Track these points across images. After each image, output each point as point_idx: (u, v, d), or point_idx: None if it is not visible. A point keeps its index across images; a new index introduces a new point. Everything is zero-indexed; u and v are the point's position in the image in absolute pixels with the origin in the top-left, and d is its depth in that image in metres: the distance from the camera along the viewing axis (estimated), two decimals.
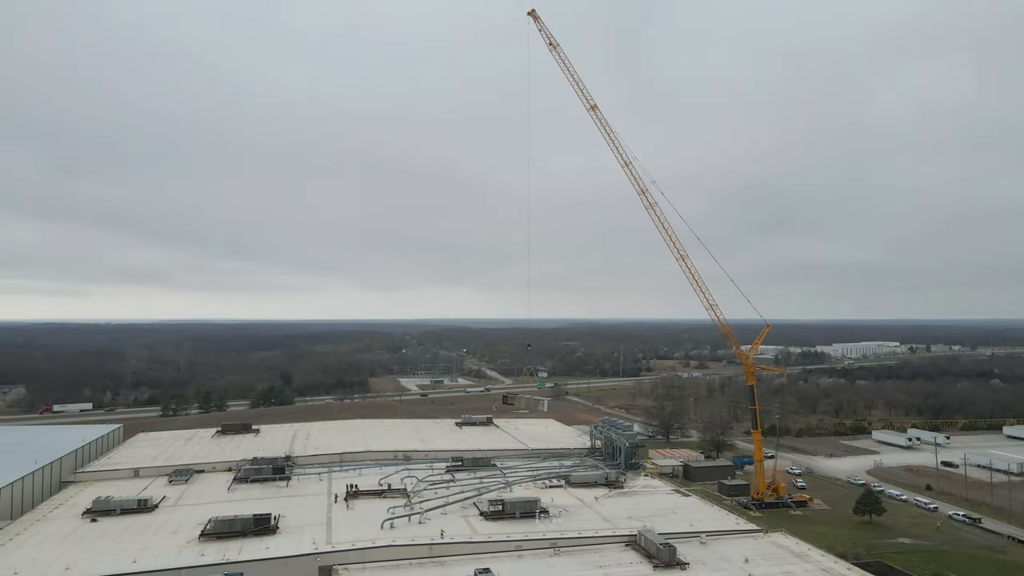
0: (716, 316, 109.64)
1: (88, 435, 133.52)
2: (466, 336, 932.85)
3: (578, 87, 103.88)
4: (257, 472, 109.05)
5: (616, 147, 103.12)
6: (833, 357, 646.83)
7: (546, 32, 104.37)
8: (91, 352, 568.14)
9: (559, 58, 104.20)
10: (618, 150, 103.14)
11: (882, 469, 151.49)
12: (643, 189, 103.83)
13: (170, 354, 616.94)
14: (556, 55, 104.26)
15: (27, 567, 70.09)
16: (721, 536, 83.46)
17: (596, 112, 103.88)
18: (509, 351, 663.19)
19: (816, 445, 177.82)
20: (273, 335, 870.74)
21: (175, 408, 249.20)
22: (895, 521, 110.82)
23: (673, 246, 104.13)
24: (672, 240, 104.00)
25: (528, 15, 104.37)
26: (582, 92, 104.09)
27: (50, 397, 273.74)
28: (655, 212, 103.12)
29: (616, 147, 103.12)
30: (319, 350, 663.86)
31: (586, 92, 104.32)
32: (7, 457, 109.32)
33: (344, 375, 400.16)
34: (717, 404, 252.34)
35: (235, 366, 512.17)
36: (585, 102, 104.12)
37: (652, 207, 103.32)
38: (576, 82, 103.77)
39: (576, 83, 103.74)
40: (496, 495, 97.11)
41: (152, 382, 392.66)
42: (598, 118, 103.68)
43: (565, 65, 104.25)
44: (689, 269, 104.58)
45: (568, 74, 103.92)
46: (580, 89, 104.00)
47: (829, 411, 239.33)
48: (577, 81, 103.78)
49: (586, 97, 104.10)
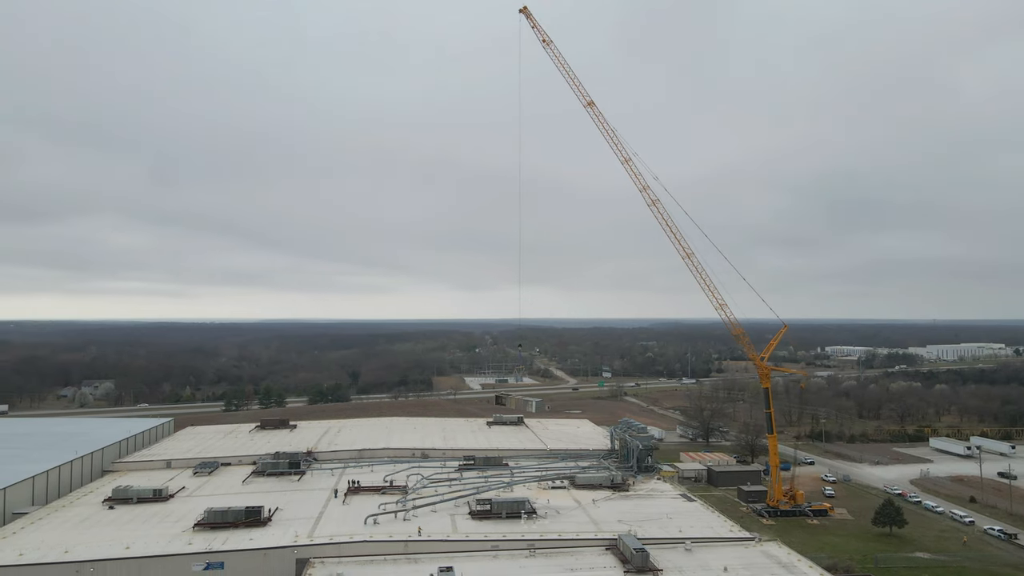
0: (726, 316, 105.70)
1: (135, 428, 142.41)
2: (543, 336, 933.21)
3: (573, 83, 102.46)
4: (274, 467, 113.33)
5: (615, 144, 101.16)
6: (926, 359, 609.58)
7: (539, 29, 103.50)
8: (187, 350, 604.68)
9: (553, 55, 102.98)
10: (617, 147, 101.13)
11: (928, 479, 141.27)
12: (644, 186, 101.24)
13: (257, 352, 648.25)
14: (550, 52, 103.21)
15: (32, 549, 75.65)
16: (709, 544, 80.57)
17: (593, 108, 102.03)
18: (580, 351, 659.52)
19: (865, 452, 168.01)
20: (357, 334, 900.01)
21: (237, 403, 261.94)
22: (919, 534, 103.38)
23: (678, 244, 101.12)
24: (677, 238, 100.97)
25: (520, 12, 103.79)
26: (578, 88, 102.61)
27: (132, 392, 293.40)
28: (658, 209, 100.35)
29: (615, 144, 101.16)
30: (396, 349, 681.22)
31: (582, 88, 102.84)
32: (52, 448, 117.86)
33: (409, 373, 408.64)
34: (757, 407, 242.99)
35: (311, 364, 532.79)
36: (581, 99, 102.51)
37: (654, 204, 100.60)
38: (572, 79, 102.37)
39: (572, 79, 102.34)
40: (494, 494, 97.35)
41: (232, 378, 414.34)
42: (595, 115, 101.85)
43: (560, 62, 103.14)
44: (696, 268, 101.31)
45: (563, 71, 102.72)
46: (576, 86, 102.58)
47: (893, 416, 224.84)
48: (572, 78, 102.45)
49: (582, 93, 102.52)
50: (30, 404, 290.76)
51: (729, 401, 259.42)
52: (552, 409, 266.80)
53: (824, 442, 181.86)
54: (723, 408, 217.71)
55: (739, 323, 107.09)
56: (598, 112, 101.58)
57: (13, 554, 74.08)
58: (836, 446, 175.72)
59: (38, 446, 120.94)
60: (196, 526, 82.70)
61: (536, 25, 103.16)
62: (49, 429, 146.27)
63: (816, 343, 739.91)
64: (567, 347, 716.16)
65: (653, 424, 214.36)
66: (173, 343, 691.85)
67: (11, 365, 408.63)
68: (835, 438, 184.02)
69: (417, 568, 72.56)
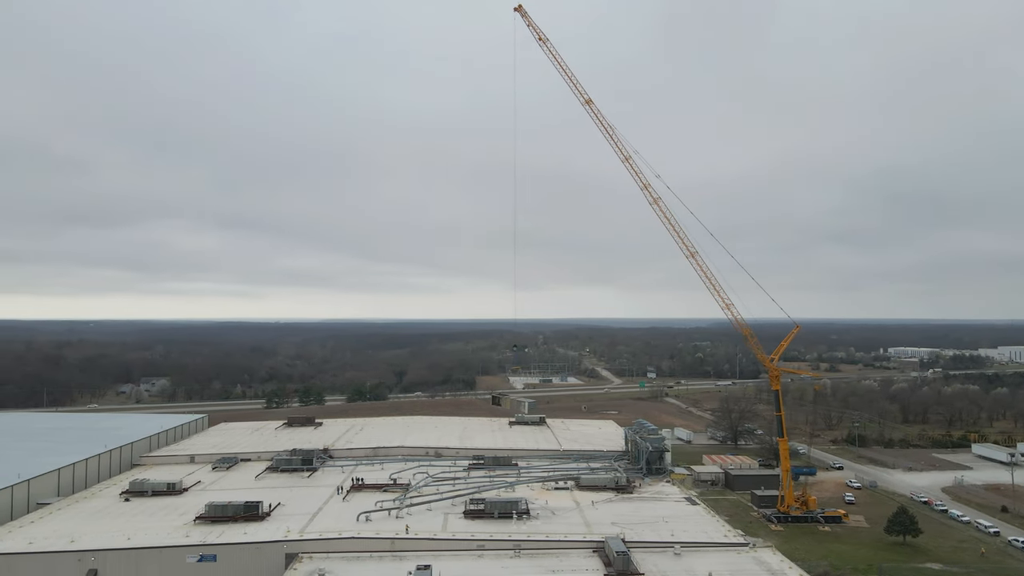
0: (733, 316, 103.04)
1: (168, 423, 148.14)
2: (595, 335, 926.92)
3: (571, 82, 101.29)
4: (288, 463, 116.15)
5: (615, 142, 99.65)
6: (996, 361, 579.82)
7: (535, 27, 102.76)
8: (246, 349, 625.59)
9: (549, 53, 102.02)
10: (617, 145, 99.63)
11: (961, 486, 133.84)
12: (645, 184, 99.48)
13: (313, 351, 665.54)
14: (546, 50, 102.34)
15: (41, 538, 79.68)
16: (700, 548, 78.80)
17: (591, 106, 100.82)
18: (630, 351, 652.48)
19: (901, 457, 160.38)
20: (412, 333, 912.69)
21: (278, 401, 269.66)
22: (936, 544, 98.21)
23: (682, 243, 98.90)
24: (680, 237, 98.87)
25: (515, 11, 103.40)
26: (576, 87, 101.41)
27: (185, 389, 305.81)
28: (660, 207, 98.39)
29: (615, 142, 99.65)
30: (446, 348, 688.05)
31: (580, 87, 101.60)
32: (84, 442, 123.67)
33: (453, 372, 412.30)
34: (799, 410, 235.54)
35: (362, 363, 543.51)
36: (579, 97, 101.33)
37: (656, 202, 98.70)
38: (569, 77, 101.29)
39: (569, 78, 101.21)
40: (493, 494, 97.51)
41: (283, 377, 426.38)
42: (594, 112, 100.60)
43: (557, 60, 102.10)
44: (700, 267, 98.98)
45: (560, 69, 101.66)
46: (574, 84, 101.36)
47: (940, 420, 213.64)
48: (570, 76, 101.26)
49: (580, 92, 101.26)
50: (90, 400, 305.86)
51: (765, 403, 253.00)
52: (589, 410, 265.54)
53: (859, 447, 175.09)
54: (755, 409, 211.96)
55: (746, 323, 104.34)
56: (596, 110, 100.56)
57: (23, 542, 78.20)
58: (873, 451, 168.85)
59: (72, 440, 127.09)
60: (197, 519, 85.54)
61: (532, 24, 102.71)
62: (89, 424, 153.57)
63: (880, 344, 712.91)
64: (618, 347, 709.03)
65: (687, 426, 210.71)
66: (235, 342, 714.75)
67: (79, 363, 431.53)
68: (874, 443, 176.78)
69: (400, 566, 73.36)
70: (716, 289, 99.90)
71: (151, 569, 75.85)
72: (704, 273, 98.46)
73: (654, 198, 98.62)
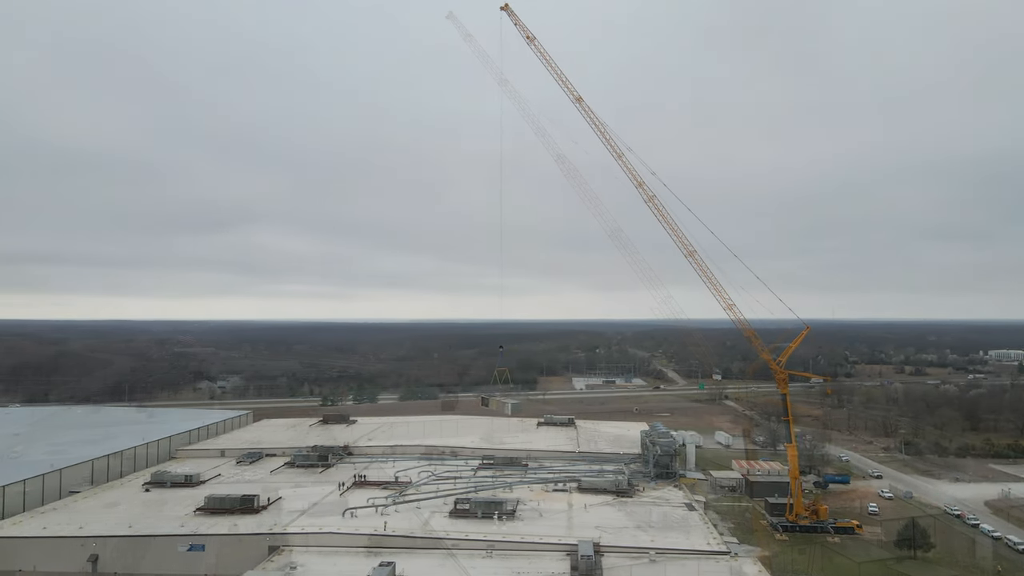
0: (736, 317, 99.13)
1: (210, 418, 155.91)
2: (672, 336, 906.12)
3: (560, 80, 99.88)
4: (304, 459, 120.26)
5: (607, 139, 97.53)
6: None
7: (522, 27, 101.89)
8: (325, 348, 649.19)
9: (537, 51, 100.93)
10: (609, 142, 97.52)
11: (1007, 500, 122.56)
12: (640, 182, 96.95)
13: (390, 351, 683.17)
14: (534, 48, 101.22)
15: (55, 524, 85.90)
16: (678, 556, 76.63)
17: (582, 104, 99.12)
18: (702, 353, 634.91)
19: (951, 468, 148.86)
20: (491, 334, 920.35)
21: (332, 399, 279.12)
22: (951, 559, 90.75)
23: (680, 242, 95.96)
24: (678, 235, 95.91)
25: (501, 10, 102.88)
26: (565, 85, 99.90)
27: (254, 386, 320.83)
28: (655, 205, 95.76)
29: (607, 139, 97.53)
30: (518, 348, 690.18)
31: (570, 85, 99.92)
32: (128, 435, 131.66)
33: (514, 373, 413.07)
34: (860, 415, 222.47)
35: (434, 362, 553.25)
36: (569, 94, 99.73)
37: (651, 200, 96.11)
38: (558, 75, 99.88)
39: (558, 76, 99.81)
40: (488, 494, 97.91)
41: (350, 376, 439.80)
42: (585, 110, 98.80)
43: (546, 59, 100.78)
44: (700, 267, 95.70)
45: (549, 68, 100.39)
46: (563, 82, 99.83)
47: (1012, 429, 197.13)
48: (559, 75, 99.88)
49: (570, 90, 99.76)
50: (169, 396, 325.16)
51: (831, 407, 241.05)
52: (641, 412, 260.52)
53: (911, 455, 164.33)
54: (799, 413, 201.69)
55: (749, 324, 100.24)
56: (587, 107, 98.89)
57: (38, 528, 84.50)
58: (925, 460, 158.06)
59: (117, 434, 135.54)
60: (197, 511, 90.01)
61: (519, 23, 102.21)
62: (140, 418, 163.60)
63: (980, 346, 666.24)
64: (687, 348, 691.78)
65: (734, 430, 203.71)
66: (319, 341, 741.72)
67: (166, 361, 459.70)
68: (928, 451, 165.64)
69: (371, 561, 74.78)
70: (717, 289, 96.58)
71: (146, 555, 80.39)
72: (704, 272, 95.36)
73: (649, 196, 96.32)
